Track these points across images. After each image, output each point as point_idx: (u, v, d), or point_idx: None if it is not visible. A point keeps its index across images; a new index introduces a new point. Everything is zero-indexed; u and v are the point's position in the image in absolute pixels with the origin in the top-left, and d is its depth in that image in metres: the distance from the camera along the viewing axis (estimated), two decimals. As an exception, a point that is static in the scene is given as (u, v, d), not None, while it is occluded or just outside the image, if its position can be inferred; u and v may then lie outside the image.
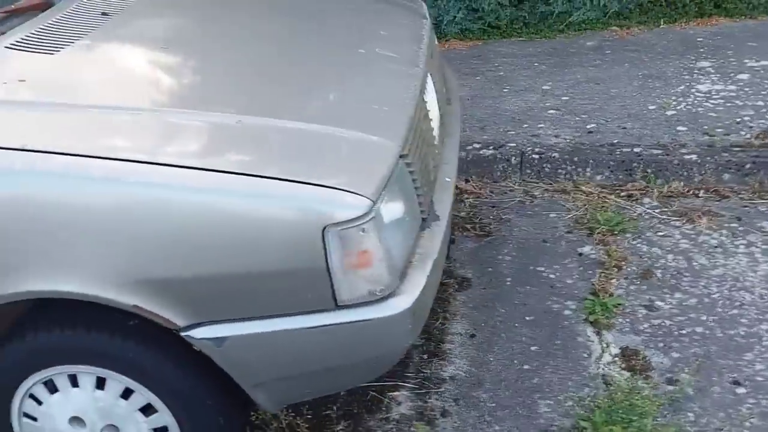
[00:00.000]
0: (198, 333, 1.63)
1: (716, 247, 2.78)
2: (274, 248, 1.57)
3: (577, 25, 4.81)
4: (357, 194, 1.58)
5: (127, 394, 1.76)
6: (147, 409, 1.78)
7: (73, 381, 1.76)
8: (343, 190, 1.57)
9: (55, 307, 1.69)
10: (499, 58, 4.49)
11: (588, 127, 3.51)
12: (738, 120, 3.40)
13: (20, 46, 1.92)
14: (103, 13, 2.18)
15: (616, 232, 2.90)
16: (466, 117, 3.68)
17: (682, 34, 4.53)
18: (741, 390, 2.15)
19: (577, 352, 2.36)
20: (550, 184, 3.28)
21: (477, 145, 3.44)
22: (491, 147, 3.42)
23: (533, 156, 3.34)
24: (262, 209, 1.56)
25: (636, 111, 3.60)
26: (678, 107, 3.58)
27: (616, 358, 2.32)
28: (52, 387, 1.78)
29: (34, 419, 1.82)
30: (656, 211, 3.02)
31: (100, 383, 1.75)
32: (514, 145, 3.41)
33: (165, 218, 1.55)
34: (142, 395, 1.75)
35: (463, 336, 2.47)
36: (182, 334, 1.63)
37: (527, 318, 2.52)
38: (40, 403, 1.80)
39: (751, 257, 2.70)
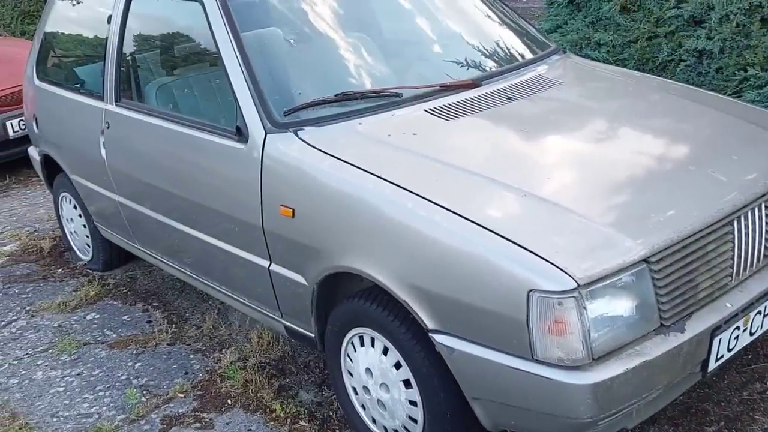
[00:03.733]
0: (439, 338, 2.19)
1: None
2: (494, 292, 2.03)
3: None
4: (564, 272, 1.94)
5: (398, 366, 2.41)
6: (408, 384, 2.40)
7: (372, 343, 2.49)
8: (554, 265, 1.95)
9: (370, 291, 2.43)
10: None
11: None
12: None
13: (433, 111, 2.71)
14: (508, 98, 2.84)
15: None
16: None
17: None
18: None
19: None
20: None
21: None
22: None
23: None
24: (493, 260, 2.04)
25: None
26: None
27: None
28: (360, 342, 2.54)
29: (351, 360, 2.61)
30: None
31: (386, 351, 2.44)
32: None
33: (433, 246, 2.15)
34: (406, 371, 2.38)
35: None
36: (430, 334, 2.21)
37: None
38: (355, 350, 2.58)
39: None
